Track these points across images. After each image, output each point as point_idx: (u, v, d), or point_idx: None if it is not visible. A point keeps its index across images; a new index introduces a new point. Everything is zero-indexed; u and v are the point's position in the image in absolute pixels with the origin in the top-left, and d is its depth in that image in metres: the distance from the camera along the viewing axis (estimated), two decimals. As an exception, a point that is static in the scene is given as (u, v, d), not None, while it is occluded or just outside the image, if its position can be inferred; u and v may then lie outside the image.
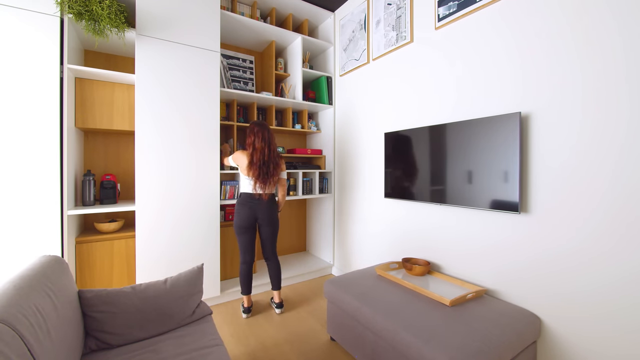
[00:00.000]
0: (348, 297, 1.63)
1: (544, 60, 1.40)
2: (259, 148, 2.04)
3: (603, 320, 1.22)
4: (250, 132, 2.09)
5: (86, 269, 1.91)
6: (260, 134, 2.06)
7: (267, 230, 2.15)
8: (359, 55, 2.61)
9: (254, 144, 2.06)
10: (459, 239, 1.79)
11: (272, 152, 2.09)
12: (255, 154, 2.04)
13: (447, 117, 1.85)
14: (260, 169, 2.03)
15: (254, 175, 2.03)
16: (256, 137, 2.06)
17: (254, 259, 2.19)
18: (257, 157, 2.03)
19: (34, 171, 1.66)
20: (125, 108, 2.03)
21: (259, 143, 2.05)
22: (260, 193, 2.08)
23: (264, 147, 2.05)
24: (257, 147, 2.04)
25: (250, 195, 2.09)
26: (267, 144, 2.07)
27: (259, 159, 2.03)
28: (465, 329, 1.24)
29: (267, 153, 2.06)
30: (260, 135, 2.06)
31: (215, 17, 2.26)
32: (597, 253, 1.24)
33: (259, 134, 2.06)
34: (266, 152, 2.05)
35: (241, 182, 2.15)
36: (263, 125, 2.10)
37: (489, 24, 1.63)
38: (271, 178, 2.07)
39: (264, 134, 2.07)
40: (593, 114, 1.24)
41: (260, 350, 1.75)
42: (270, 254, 2.20)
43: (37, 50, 1.66)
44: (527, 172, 1.46)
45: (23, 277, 0.92)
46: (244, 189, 2.12)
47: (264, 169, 2.04)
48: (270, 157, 2.07)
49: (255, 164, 2.02)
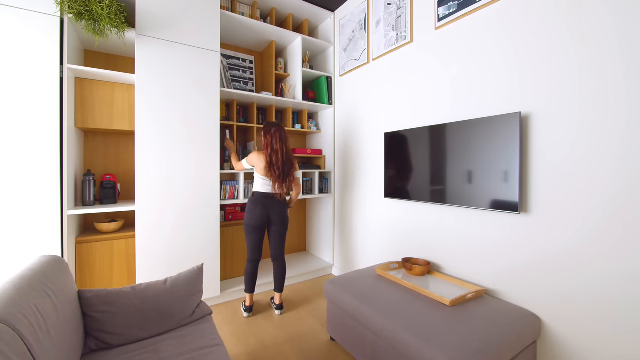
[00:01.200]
0: (348, 297, 1.63)
1: (544, 60, 1.40)
2: (277, 149, 2.04)
3: (603, 320, 1.22)
4: (267, 133, 2.08)
5: (86, 269, 1.91)
6: (278, 134, 2.06)
7: (278, 229, 2.16)
8: (359, 55, 2.61)
9: (271, 145, 2.05)
10: (459, 239, 1.79)
11: (289, 152, 2.10)
12: (273, 155, 2.04)
13: (447, 117, 1.85)
14: (279, 169, 2.03)
15: (272, 176, 2.04)
16: (273, 138, 2.06)
17: (260, 258, 2.20)
18: (275, 158, 2.04)
19: (34, 171, 1.66)
20: (125, 108, 2.03)
21: (277, 144, 2.05)
22: (277, 193, 2.08)
23: (282, 147, 2.06)
24: (275, 149, 2.04)
25: (264, 195, 2.09)
26: (284, 144, 2.07)
27: (278, 159, 2.03)
28: (465, 328, 1.24)
29: (285, 153, 2.06)
30: (277, 136, 2.06)
31: (215, 17, 2.26)
32: (596, 253, 1.23)
33: (276, 135, 2.06)
34: (284, 152, 2.06)
35: (256, 182, 2.14)
36: (279, 126, 2.10)
37: (489, 24, 1.63)
38: (288, 178, 2.08)
39: (281, 135, 2.07)
40: (591, 114, 1.24)
41: (260, 350, 1.75)
42: (279, 254, 2.21)
43: (37, 50, 1.66)
44: (526, 172, 1.46)
45: (23, 277, 0.92)
46: (259, 189, 2.11)
47: (283, 169, 2.05)
48: (287, 158, 2.08)
49: (274, 165, 2.03)
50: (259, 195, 2.10)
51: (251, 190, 2.60)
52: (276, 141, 2.05)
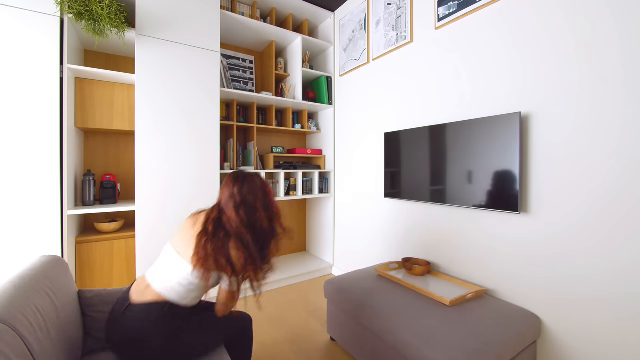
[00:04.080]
0: (348, 297, 1.63)
1: (544, 60, 1.40)
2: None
3: (603, 320, 1.22)
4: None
5: (86, 269, 1.91)
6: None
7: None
8: (359, 55, 2.61)
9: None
10: (459, 239, 1.79)
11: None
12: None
13: (447, 117, 1.85)
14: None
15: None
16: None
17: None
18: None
19: (34, 171, 1.66)
20: (125, 108, 2.03)
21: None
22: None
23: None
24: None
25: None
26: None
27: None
28: (465, 328, 1.24)
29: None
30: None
31: (215, 17, 2.26)
32: (597, 253, 1.23)
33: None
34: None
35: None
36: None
37: (489, 24, 1.63)
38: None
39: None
40: (592, 114, 1.24)
41: (260, 350, 1.75)
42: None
43: (37, 50, 1.66)
44: (526, 171, 1.46)
45: (23, 277, 0.92)
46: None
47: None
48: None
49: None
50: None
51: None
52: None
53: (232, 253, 1.00)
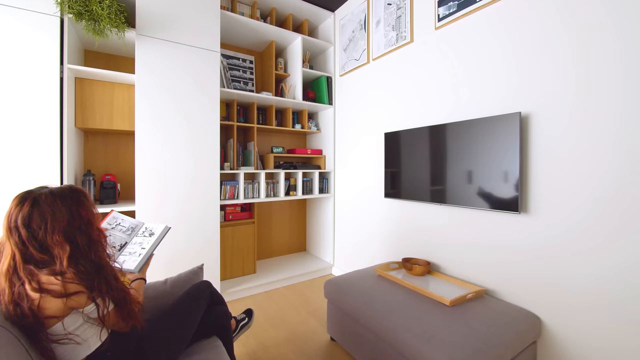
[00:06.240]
0: (348, 297, 1.63)
1: (544, 60, 1.40)
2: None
3: (603, 320, 1.22)
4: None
5: (86, 269, 1.90)
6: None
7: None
8: (359, 55, 2.61)
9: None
10: (459, 239, 1.79)
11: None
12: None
13: (448, 117, 1.85)
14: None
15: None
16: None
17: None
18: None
19: (34, 171, 1.66)
20: (125, 108, 2.03)
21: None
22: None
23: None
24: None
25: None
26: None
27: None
28: (465, 328, 1.24)
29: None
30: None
31: (215, 17, 2.26)
32: (597, 253, 1.23)
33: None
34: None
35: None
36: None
37: (489, 24, 1.63)
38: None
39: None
40: (591, 113, 1.24)
41: (260, 350, 1.75)
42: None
43: (37, 50, 1.65)
44: (526, 171, 1.46)
45: (23, 277, 0.92)
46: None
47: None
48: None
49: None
50: None
51: (252, 191, 2.60)
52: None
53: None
